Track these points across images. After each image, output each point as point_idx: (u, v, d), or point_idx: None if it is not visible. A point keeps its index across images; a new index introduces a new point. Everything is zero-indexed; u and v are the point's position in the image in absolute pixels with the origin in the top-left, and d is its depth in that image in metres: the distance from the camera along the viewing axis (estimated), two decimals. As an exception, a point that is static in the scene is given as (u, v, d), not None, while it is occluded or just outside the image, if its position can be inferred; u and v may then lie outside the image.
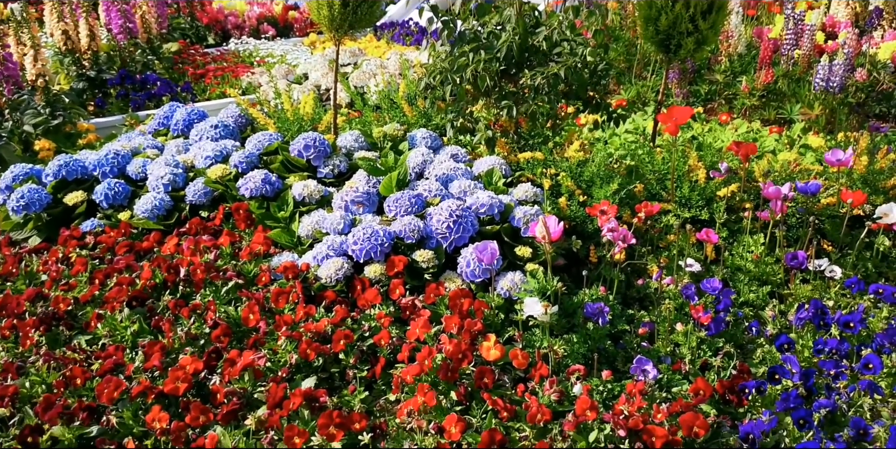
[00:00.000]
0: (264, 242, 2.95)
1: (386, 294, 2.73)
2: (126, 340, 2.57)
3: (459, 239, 2.79)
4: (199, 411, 2.22)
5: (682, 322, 2.68)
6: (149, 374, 2.39)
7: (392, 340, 2.53)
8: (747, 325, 2.78)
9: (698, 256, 3.10)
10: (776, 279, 3.04)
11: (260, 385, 2.37)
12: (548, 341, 2.57)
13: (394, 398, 2.41)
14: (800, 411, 2.27)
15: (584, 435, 2.25)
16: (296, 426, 2.14)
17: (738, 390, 2.45)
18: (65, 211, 3.32)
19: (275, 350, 2.50)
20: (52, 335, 2.58)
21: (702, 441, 2.29)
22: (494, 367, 2.49)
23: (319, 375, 2.48)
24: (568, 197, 3.14)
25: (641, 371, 2.50)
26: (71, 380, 2.34)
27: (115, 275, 2.81)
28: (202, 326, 2.58)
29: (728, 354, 2.62)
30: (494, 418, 2.30)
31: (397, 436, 2.24)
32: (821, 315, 2.72)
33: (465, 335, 2.50)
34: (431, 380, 2.40)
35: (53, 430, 2.19)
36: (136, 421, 2.24)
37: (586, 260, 3.05)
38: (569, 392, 2.41)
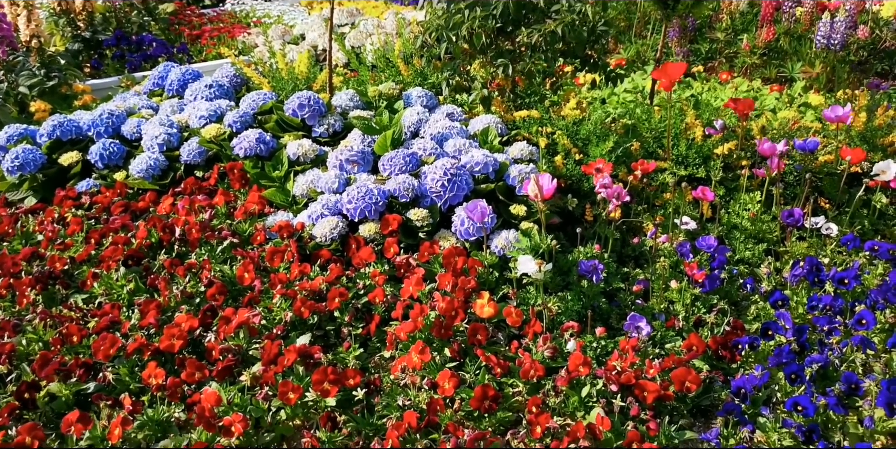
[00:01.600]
0: (259, 202, 2.92)
1: (380, 253, 2.71)
2: (122, 298, 2.55)
3: (454, 197, 2.75)
4: (195, 368, 2.22)
5: (676, 279, 2.66)
6: (144, 331, 2.39)
7: (386, 298, 2.51)
8: (742, 282, 2.76)
9: (694, 214, 3.06)
10: (772, 237, 3.01)
11: (255, 342, 2.36)
12: (542, 299, 2.55)
13: (388, 355, 2.41)
14: (792, 366, 2.26)
15: (576, 390, 2.25)
16: (290, 382, 2.13)
17: (732, 346, 2.44)
18: (60, 171, 3.28)
19: (270, 308, 2.49)
20: (48, 294, 2.57)
21: (694, 396, 2.29)
22: (488, 324, 2.48)
23: (314, 333, 2.47)
24: (564, 155, 3.09)
25: (635, 328, 2.49)
26: (67, 337, 2.33)
27: (110, 234, 2.79)
28: (197, 285, 2.57)
29: (722, 310, 2.60)
30: (488, 374, 2.29)
31: (391, 392, 2.23)
32: (816, 272, 2.69)
33: (458, 293, 2.48)
34: (425, 337, 2.39)
35: (50, 386, 2.19)
36: (132, 377, 2.24)
37: (582, 218, 3.01)
38: (562, 349, 2.40)
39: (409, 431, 2.05)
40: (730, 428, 2.11)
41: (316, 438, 2.05)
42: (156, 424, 2.10)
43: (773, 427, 2.13)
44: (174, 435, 2.07)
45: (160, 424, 2.10)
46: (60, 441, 2.07)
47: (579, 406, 2.21)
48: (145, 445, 2.04)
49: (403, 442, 2.05)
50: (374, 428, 2.15)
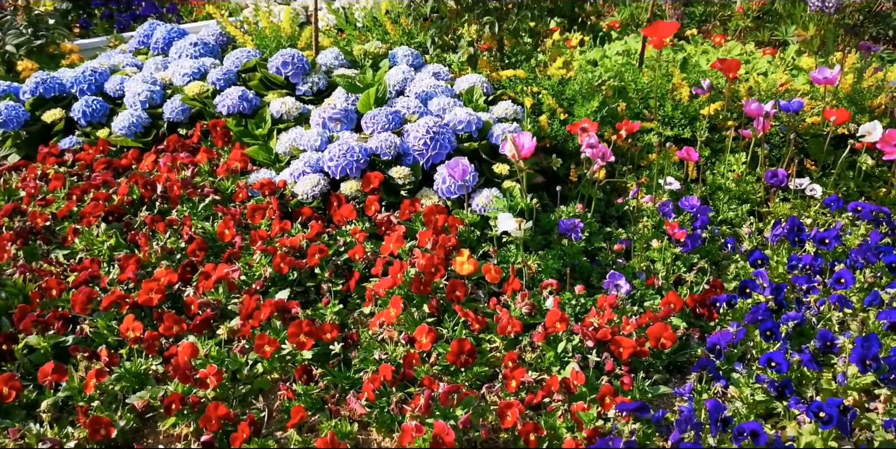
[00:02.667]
0: (242, 159, 2.88)
1: (362, 210, 2.68)
2: (102, 253, 2.54)
3: (436, 156, 2.72)
4: (173, 321, 2.21)
5: (658, 239, 2.64)
6: (124, 286, 2.37)
7: (367, 255, 2.49)
8: (723, 241, 2.74)
9: (679, 174, 3.03)
10: (756, 198, 2.98)
11: (234, 297, 2.35)
12: (522, 257, 2.53)
13: (368, 311, 2.40)
14: (767, 323, 2.24)
15: (552, 346, 2.24)
16: (266, 335, 2.12)
17: (710, 304, 2.43)
18: (43, 128, 3.24)
19: (250, 264, 2.47)
20: (29, 249, 2.55)
21: (669, 352, 2.28)
22: (468, 281, 2.46)
23: (295, 289, 2.46)
24: (549, 115, 3.04)
25: (614, 286, 2.47)
26: (46, 291, 2.32)
27: (92, 191, 2.76)
28: (178, 241, 2.55)
29: (702, 269, 2.59)
30: (465, 330, 2.29)
31: (368, 346, 2.23)
32: (797, 232, 2.67)
33: (438, 250, 2.46)
34: (405, 293, 2.38)
35: (28, 339, 2.18)
36: (110, 330, 2.23)
37: (566, 178, 2.98)
38: (541, 306, 2.39)
39: (384, 384, 2.05)
40: (703, 383, 2.11)
41: (292, 390, 2.05)
42: (133, 376, 2.09)
43: (747, 382, 2.13)
44: (151, 387, 2.07)
45: (137, 376, 2.10)
46: (38, 392, 2.07)
47: (555, 361, 2.21)
48: (122, 396, 2.04)
49: (379, 395, 2.05)
50: (351, 382, 2.14)
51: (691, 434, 1.87)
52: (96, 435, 1.90)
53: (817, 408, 1.92)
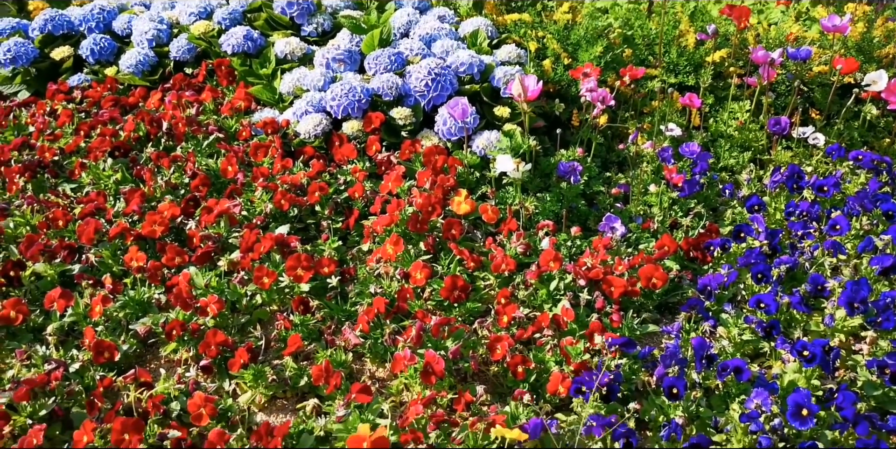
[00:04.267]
0: (246, 98, 2.87)
1: (363, 150, 2.67)
2: (108, 187, 2.55)
3: (438, 97, 2.69)
4: (175, 253, 2.23)
5: (656, 184, 2.62)
6: (128, 218, 2.39)
7: (366, 194, 2.49)
8: (721, 187, 2.71)
9: (681, 122, 2.99)
10: (758, 146, 2.94)
11: (234, 232, 2.37)
12: (519, 198, 2.52)
13: (366, 248, 2.41)
14: (759, 266, 2.24)
15: (545, 284, 2.25)
16: (265, 267, 2.14)
17: (704, 248, 2.42)
18: (52, 66, 3.22)
19: (251, 200, 2.48)
20: (37, 182, 2.57)
21: (661, 292, 2.28)
22: (466, 222, 2.46)
23: (295, 226, 2.47)
24: (553, 60, 2.99)
25: (610, 228, 2.46)
26: (53, 221, 2.34)
27: (99, 127, 2.75)
28: (182, 177, 2.55)
29: (699, 214, 2.57)
30: (460, 267, 2.30)
31: (364, 280, 2.24)
32: (796, 179, 2.64)
33: (436, 190, 2.46)
34: (402, 231, 2.38)
35: (36, 266, 2.21)
36: (114, 260, 2.26)
37: (568, 123, 2.94)
38: (536, 246, 2.39)
39: (378, 316, 2.07)
40: (692, 323, 2.12)
41: (289, 320, 2.08)
42: (136, 303, 2.13)
43: (735, 323, 2.13)
44: (153, 314, 2.10)
45: (140, 303, 2.13)
46: (45, 317, 2.11)
47: (547, 299, 2.22)
48: (125, 322, 2.08)
49: (373, 327, 2.08)
50: (347, 314, 2.17)
51: (675, 369, 1.89)
52: (100, 358, 1.94)
53: (801, 347, 1.93)
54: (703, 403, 1.93)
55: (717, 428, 1.87)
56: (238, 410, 1.85)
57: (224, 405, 1.85)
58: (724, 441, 1.84)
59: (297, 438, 1.77)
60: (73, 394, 1.86)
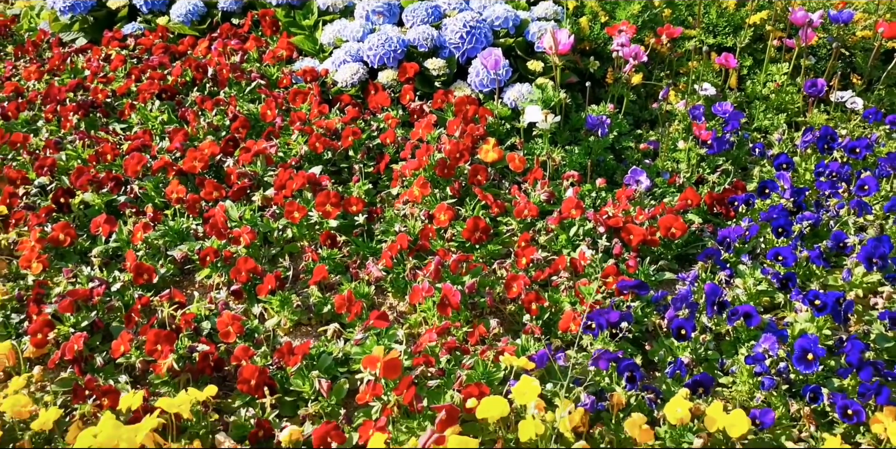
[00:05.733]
0: (287, 48, 2.94)
1: (397, 99, 2.72)
2: (155, 127, 2.66)
3: (472, 50, 2.71)
4: (213, 187, 2.33)
5: (685, 140, 2.61)
6: (171, 155, 2.49)
7: (397, 140, 2.55)
8: (751, 146, 2.69)
9: (717, 82, 2.96)
10: (794, 108, 2.89)
11: (270, 170, 2.45)
12: (547, 149, 2.55)
13: (395, 192, 2.47)
14: (780, 220, 2.23)
15: (565, 230, 2.28)
16: (296, 202, 2.22)
17: (728, 203, 2.41)
18: (108, 14, 3.35)
19: (288, 143, 2.56)
20: (89, 121, 2.69)
21: (680, 243, 2.29)
22: (493, 170, 2.50)
23: (329, 169, 2.54)
24: (591, 17, 2.98)
25: (635, 181, 2.47)
26: (102, 155, 2.46)
27: (149, 71, 2.86)
28: (223, 119, 2.64)
29: (726, 171, 2.56)
30: (484, 212, 2.34)
31: (390, 220, 2.31)
32: (829, 140, 2.60)
33: (466, 138, 2.50)
34: (430, 176, 2.43)
35: (85, 195, 2.33)
36: (156, 192, 2.36)
37: (602, 81, 2.94)
38: (560, 195, 2.42)
39: (401, 252, 2.14)
40: (708, 272, 2.13)
41: (317, 253, 2.16)
42: (175, 232, 2.23)
43: (751, 273, 2.14)
44: (190, 243, 2.20)
45: (178, 232, 2.23)
46: (91, 242, 2.24)
47: (566, 244, 2.25)
48: (164, 249, 2.18)
49: (396, 263, 2.14)
50: (372, 251, 2.24)
51: (686, 312, 1.91)
52: (139, 279, 2.06)
53: (814, 296, 1.93)
54: (712, 346, 1.95)
55: (723, 370, 1.90)
56: (263, 332, 1.94)
57: (251, 326, 1.95)
58: (731, 383, 1.87)
59: (317, 359, 1.85)
60: (113, 309, 1.97)
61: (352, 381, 1.82)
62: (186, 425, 1.68)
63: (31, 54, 3.27)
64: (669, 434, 1.73)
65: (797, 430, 1.75)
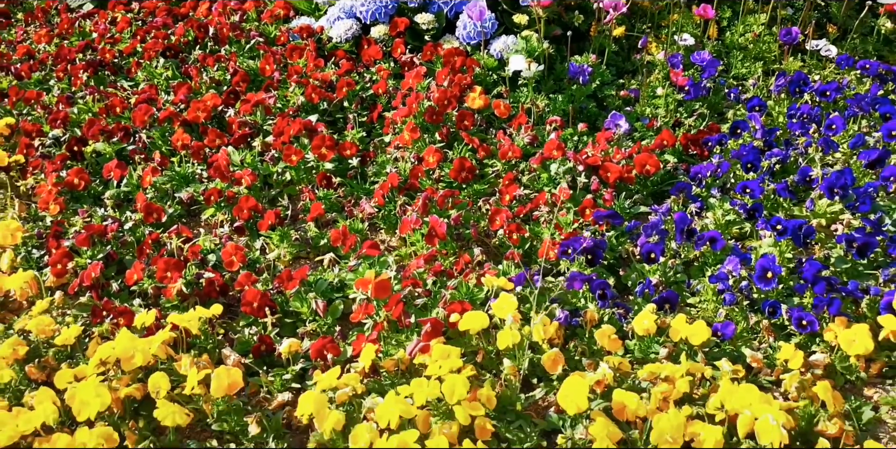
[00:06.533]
0: (285, 7, 3.04)
1: (388, 53, 2.82)
2: (160, 84, 2.78)
3: (459, 4, 2.81)
4: (216, 135, 2.45)
5: (663, 87, 2.71)
6: (176, 107, 2.61)
7: (389, 90, 2.66)
8: (727, 92, 2.78)
9: (697, 33, 3.04)
10: (771, 56, 2.98)
11: (269, 120, 2.57)
12: (531, 96, 2.65)
13: (387, 139, 2.58)
14: (749, 156, 2.34)
15: (547, 169, 2.40)
16: (293, 146, 2.35)
17: (702, 143, 2.52)
18: (113, -19, 3.46)
19: (286, 96, 2.67)
20: (98, 78, 2.81)
21: (656, 180, 2.40)
22: (480, 117, 2.61)
23: (325, 119, 2.65)
24: (575, -28, 3.06)
25: (615, 125, 2.58)
26: (111, 108, 2.58)
27: (153, 31, 2.98)
28: (225, 74, 2.76)
29: (702, 115, 2.65)
30: (470, 154, 2.46)
31: (382, 163, 2.43)
32: (801, 84, 2.70)
33: (454, 87, 2.60)
34: (420, 123, 2.54)
35: (96, 145, 2.46)
36: (163, 141, 2.49)
37: (587, 34, 3.03)
38: (543, 138, 2.53)
39: (392, 190, 2.26)
40: (680, 205, 2.24)
41: (314, 193, 2.29)
42: (180, 177, 2.36)
43: (720, 205, 2.25)
44: (195, 185, 2.33)
45: (184, 177, 2.36)
46: (104, 187, 2.37)
47: (548, 182, 2.37)
48: (171, 191, 2.32)
49: (387, 201, 2.27)
50: (365, 191, 2.36)
51: (656, 238, 2.03)
52: (149, 218, 2.19)
53: (776, 222, 2.05)
54: (681, 270, 2.07)
55: (690, 290, 2.02)
56: (264, 262, 2.07)
57: (253, 257, 2.08)
58: (698, 302, 1.99)
59: (314, 285, 1.99)
60: (126, 244, 2.11)
61: (347, 303, 1.95)
62: (195, 342, 1.82)
63: (41, 20, 3.39)
64: (638, 346, 1.86)
65: (757, 341, 1.88)
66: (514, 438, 1.64)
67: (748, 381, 1.70)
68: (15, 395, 1.69)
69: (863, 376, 1.80)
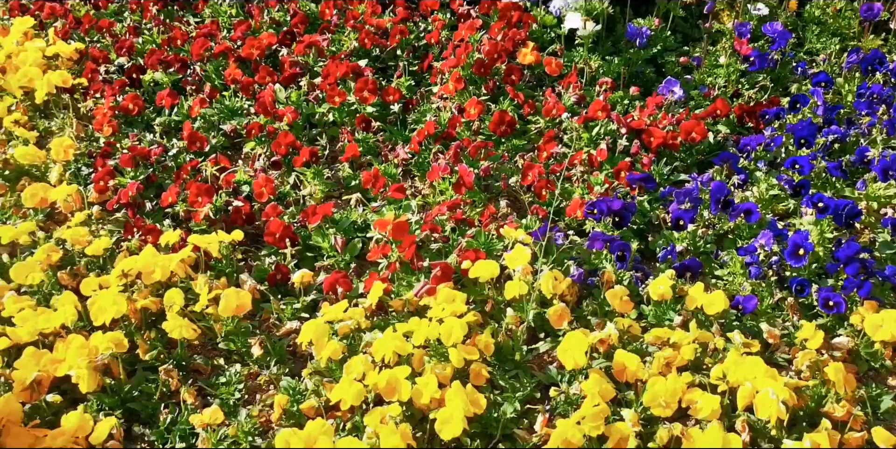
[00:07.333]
0: (352, -47, 3.01)
1: (447, 4, 2.76)
2: (224, 21, 2.80)
3: (525, -43, 2.71)
4: (267, 72, 2.45)
5: (727, 56, 2.56)
6: (234, 43, 2.63)
7: (441, 41, 2.60)
8: (795, 65, 2.61)
9: (773, 3, 2.85)
10: (850, 33, 2.76)
11: (320, 61, 2.55)
12: (585, 56, 2.55)
13: (435, 89, 2.53)
14: (804, 131, 2.18)
15: (588, 129, 2.31)
16: (337, 88, 2.33)
17: (759, 116, 2.37)
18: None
19: (340, 40, 2.65)
20: (167, 12, 2.85)
21: (703, 150, 2.27)
22: (530, 73, 2.53)
23: (376, 65, 2.61)
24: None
25: (669, 91, 2.45)
26: (173, 40, 2.61)
27: (223, -29, 3.00)
28: (285, 15, 2.75)
29: (764, 87, 2.49)
30: (513, 108, 2.39)
31: (423, 111, 2.39)
32: (876, 63, 2.49)
33: (507, 41, 2.52)
34: (468, 75, 2.48)
35: (155, 74, 2.51)
36: (217, 75, 2.51)
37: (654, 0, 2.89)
38: (591, 100, 2.43)
39: (427, 138, 2.22)
40: (723, 176, 2.12)
41: (352, 135, 2.28)
42: (228, 110, 2.38)
43: (766, 179, 2.12)
44: (239, 119, 2.36)
45: (232, 110, 2.38)
46: (157, 114, 2.41)
47: (588, 143, 2.28)
48: (217, 123, 2.34)
49: (423, 148, 2.23)
50: (403, 138, 2.33)
51: (688, 205, 1.93)
52: (193, 146, 2.22)
53: (818, 199, 1.91)
54: (712, 241, 1.97)
55: (717, 262, 1.92)
56: (294, 197, 2.08)
57: (284, 190, 2.09)
58: (725, 275, 1.89)
59: (338, 222, 1.98)
60: (167, 169, 2.15)
61: (366, 243, 1.94)
62: (216, 265, 1.85)
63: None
64: (653, 311, 1.79)
65: (781, 319, 1.77)
66: (509, 386, 1.61)
67: (763, 357, 1.61)
68: (45, 297, 1.76)
69: (888, 364, 1.68)
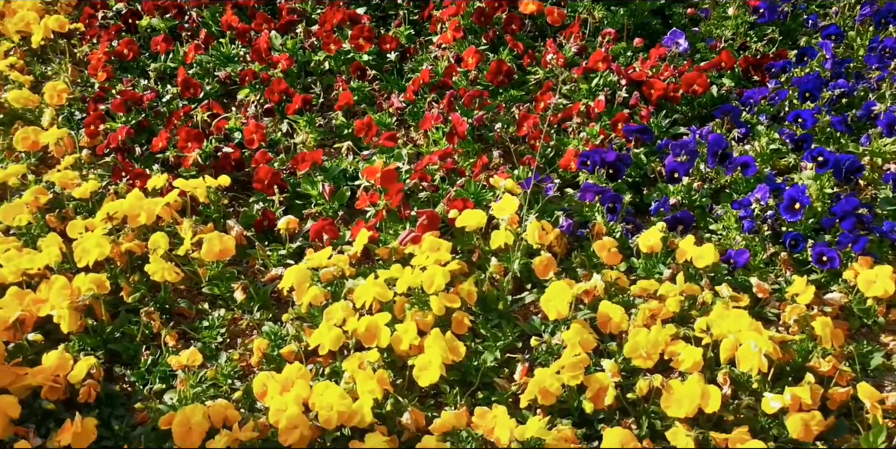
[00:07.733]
0: None
1: (450, -50, 2.66)
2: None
3: None
4: (263, 19, 2.38)
5: (735, 8, 2.46)
6: (231, -11, 2.56)
7: (443, -12, 2.52)
8: (806, 18, 2.49)
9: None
10: (867, -14, 2.64)
11: (318, 9, 2.48)
12: (589, 6, 2.45)
13: (434, 39, 2.46)
14: (809, 84, 2.09)
15: (588, 81, 2.23)
16: (333, 35, 2.26)
17: (765, 69, 2.28)
18: None
19: (340, -13, 2.57)
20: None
21: (705, 102, 2.19)
22: (532, 24, 2.44)
23: (377, 14, 2.53)
24: None
25: (673, 43, 2.35)
26: (170, -13, 2.56)
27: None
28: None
29: (772, 40, 2.39)
30: (511, 58, 2.31)
31: (420, 60, 2.32)
32: (890, 15, 2.38)
33: (509, -11, 2.43)
34: (467, 23, 2.40)
35: (151, 20, 2.44)
36: (213, 21, 2.45)
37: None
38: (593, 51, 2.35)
39: (422, 86, 2.16)
40: (724, 129, 2.05)
41: (347, 83, 2.22)
42: (224, 56, 2.32)
43: (768, 134, 2.04)
44: (234, 65, 2.30)
45: (227, 57, 2.32)
46: (152, 60, 2.36)
47: (587, 94, 2.20)
48: (212, 70, 2.29)
49: (418, 97, 2.17)
50: (399, 87, 2.26)
51: (684, 158, 1.86)
52: (186, 92, 2.17)
53: (818, 153, 1.84)
54: (707, 195, 1.91)
55: (712, 216, 1.86)
56: (285, 144, 2.04)
57: (275, 138, 2.05)
58: (720, 229, 1.84)
59: (327, 170, 1.94)
60: (160, 115, 2.11)
61: (356, 191, 1.90)
62: (203, 210, 1.83)
63: None
64: (643, 264, 1.74)
65: (773, 274, 1.72)
66: (490, 335, 1.58)
67: (752, 312, 1.57)
68: (32, 239, 1.74)
69: (881, 321, 1.63)
